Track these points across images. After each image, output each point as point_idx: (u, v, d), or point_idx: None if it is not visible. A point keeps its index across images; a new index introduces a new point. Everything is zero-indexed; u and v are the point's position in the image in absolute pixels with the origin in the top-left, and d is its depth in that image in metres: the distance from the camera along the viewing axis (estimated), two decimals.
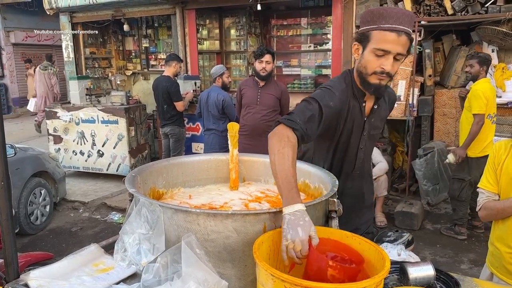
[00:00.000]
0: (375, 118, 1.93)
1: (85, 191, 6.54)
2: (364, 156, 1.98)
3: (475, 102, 4.36)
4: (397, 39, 1.65)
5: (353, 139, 1.90)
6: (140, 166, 1.87)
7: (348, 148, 1.92)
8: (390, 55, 1.67)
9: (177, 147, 6.19)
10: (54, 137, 7.16)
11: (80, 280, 1.51)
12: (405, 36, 1.65)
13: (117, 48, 9.70)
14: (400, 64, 1.74)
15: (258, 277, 1.21)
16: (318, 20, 8.35)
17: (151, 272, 1.35)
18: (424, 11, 5.46)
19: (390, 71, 1.69)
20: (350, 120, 1.86)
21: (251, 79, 4.73)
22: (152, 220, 1.41)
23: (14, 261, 1.58)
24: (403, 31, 1.64)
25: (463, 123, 4.63)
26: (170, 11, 7.57)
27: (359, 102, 1.86)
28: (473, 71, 4.48)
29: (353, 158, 1.94)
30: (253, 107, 4.54)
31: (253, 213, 1.35)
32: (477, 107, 4.35)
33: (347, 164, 1.96)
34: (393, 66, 1.69)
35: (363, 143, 1.93)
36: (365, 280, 1.08)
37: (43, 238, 5.16)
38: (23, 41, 15.36)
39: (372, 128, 1.94)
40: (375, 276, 1.09)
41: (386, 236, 3.97)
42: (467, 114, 4.51)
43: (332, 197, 1.54)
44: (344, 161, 1.95)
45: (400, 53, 1.67)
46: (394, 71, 1.71)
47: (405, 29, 1.64)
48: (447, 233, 4.82)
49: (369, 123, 1.92)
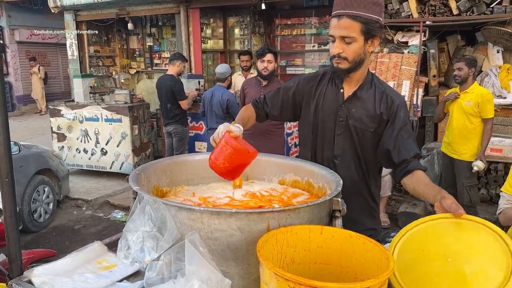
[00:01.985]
0: (356, 108, 1.93)
1: (88, 189, 6.56)
2: (345, 144, 1.96)
3: (489, 106, 4.38)
4: (337, 24, 1.77)
5: (329, 124, 1.97)
6: (144, 164, 1.86)
7: (325, 132, 1.99)
8: (336, 39, 1.79)
9: (180, 146, 6.19)
10: (57, 135, 7.18)
11: (83, 277, 1.51)
12: (346, 19, 1.74)
13: (121, 46, 9.72)
14: (356, 49, 1.80)
15: (261, 276, 1.20)
16: (322, 19, 8.33)
17: (154, 270, 1.35)
18: (429, 11, 5.44)
19: (341, 54, 1.80)
20: (323, 103, 1.98)
21: (254, 78, 4.76)
22: (156, 218, 1.41)
23: (18, 258, 1.58)
24: (344, 15, 1.74)
25: (465, 129, 4.51)
26: (174, 10, 7.58)
27: (337, 88, 1.96)
28: (462, 73, 4.47)
29: (331, 143, 1.98)
30: None
31: (257, 212, 1.35)
32: (491, 111, 4.40)
33: (327, 150, 2.00)
34: (345, 50, 1.79)
35: (340, 129, 1.95)
36: (369, 280, 1.07)
37: (46, 236, 5.18)
38: (28, 39, 15.41)
39: (354, 118, 1.93)
40: (379, 276, 1.08)
41: (389, 237, 3.97)
42: (472, 119, 4.46)
43: (336, 197, 1.53)
44: (324, 146, 2.01)
45: (345, 36, 1.77)
46: (348, 55, 1.80)
47: (346, 12, 1.74)
48: None
49: (348, 111, 1.93)
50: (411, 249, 1.35)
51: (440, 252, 1.32)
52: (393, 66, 5.66)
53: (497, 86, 5.21)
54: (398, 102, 1.91)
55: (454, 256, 1.29)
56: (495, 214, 5.20)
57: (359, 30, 1.75)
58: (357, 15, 1.73)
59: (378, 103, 1.92)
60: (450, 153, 4.69)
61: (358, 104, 1.93)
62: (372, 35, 1.79)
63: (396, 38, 5.78)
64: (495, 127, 5.14)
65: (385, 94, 1.93)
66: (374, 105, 1.91)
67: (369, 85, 1.95)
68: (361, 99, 1.93)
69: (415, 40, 5.61)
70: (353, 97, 1.94)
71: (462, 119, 4.52)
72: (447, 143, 4.72)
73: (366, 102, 1.93)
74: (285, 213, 1.36)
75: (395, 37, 5.78)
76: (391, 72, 5.67)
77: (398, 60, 5.63)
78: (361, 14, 1.73)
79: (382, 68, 5.71)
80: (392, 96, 1.93)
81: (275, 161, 2.03)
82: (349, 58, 1.81)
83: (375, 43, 1.84)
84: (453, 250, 1.32)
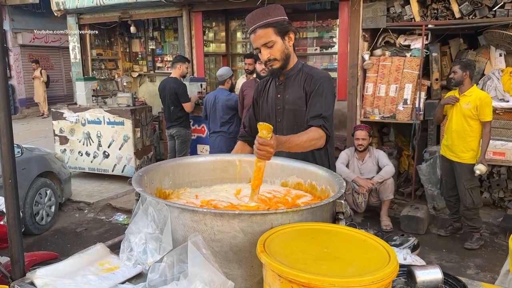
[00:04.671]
0: (289, 94, 2.24)
1: (90, 192, 6.56)
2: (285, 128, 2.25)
3: (487, 109, 4.40)
4: (255, 36, 2.11)
5: (272, 113, 2.30)
6: (147, 166, 1.86)
7: (271, 119, 2.29)
8: (261, 49, 2.12)
9: (183, 149, 6.19)
10: (60, 137, 7.19)
11: (86, 279, 1.51)
12: (260, 30, 2.08)
13: (124, 50, 9.74)
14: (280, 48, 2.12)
15: (265, 277, 1.20)
16: (325, 23, 8.34)
17: (157, 272, 1.35)
18: (431, 14, 5.44)
19: (271, 57, 2.13)
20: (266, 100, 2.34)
21: (253, 80, 4.83)
22: (159, 220, 1.41)
23: (20, 260, 1.58)
24: (256, 28, 2.08)
25: (464, 131, 4.51)
26: (177, 13, 7.60)
27: (275, 82, 2.31)
28: (456, 76, 4.50)
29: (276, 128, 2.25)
30: None
31: (260, 213, 1.35)
32: (489, 114, 4.41)
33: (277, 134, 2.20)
34: (271, 52, 2.12)
35: (280, 116, 2.28)
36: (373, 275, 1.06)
37: (48, 238, 5.17)
38: (31, 42, 15.47)
39: (289, 103, 2.24)
40: (384, 270, 1.07)
41: (391, 240, 3.96)
42: (470, 121, 4.46)
43: (339, 199, 1.53)
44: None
45: (266, 42, 2.09)
46: (274, 55, 2.13)
47: (257, 25, 2.08)
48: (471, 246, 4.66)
49: (283, 98, 2.26)
50: (284, 242, 1.28)
51: (315, 244, 1.26)
52: (395, 69, 5.66)
53: (499, 90, 5.20)
54: (317, 77, 2.19)
55: (330, 248, 1.23)
56: (498, 218, 5.22)
57: (273, 33, 2.09)
58: (266, 23, 2.07)
59: (306, 84, 2.20)
60: (449, 156, 4.68)
61: (289, 90, 2.25)
62: (286, 31, 2.12)
63: (398, 42, 5.78)
64: (497, 130, 5.14)
65: (309, 75, 2.21)
66: (303, 87, 2.20)
67: (297, 72, 2.24)
68: (292, 85, 2.23)
69: (417, 44, 5.61)
70: (283, 86, 2.26)
71: (461, 122, 4.53)
72: (446, 146, 4.72)
73: (296, 87, 2.23)
74: (289, 214, 1.35)
75: (398, 41, 5.78)
76: (393, 75, 5.66)
77: (400, 63, 5.63)
78: (268, 21, 2.07)
79: (384, 71, 5.71)
80: (313, 75, 2.21)
81: (277, 163, 2.03)
82: (277, 58, 2.14)
83: (292, 37, 2.15)
84: (329, 244, 1.26)
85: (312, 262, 1.13)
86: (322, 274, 1.05)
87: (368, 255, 1.20)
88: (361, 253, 1.21)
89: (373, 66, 5.80)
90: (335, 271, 1.09)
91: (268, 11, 2.10)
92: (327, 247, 1.23)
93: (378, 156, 5.28)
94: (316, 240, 1.27)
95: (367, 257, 1.18)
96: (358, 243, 1.28)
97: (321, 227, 1.36)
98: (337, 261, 1.15)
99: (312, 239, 1.27)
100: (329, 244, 1.25)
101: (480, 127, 4.46)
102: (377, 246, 1.26)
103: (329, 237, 1.31)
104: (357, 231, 1.35)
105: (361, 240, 1.29)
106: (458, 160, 4.59)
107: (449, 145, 4.66)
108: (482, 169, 4.43)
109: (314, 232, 1.32)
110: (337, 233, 1.34)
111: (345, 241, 1.29)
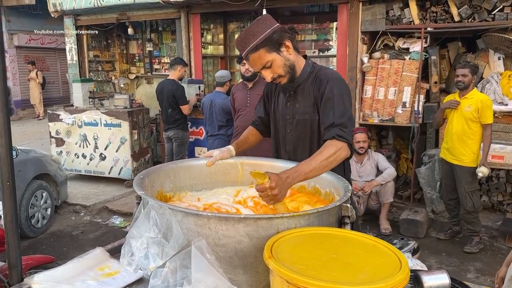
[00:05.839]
0: (299, 103, 2.11)
1: (87, 195, 6.50)
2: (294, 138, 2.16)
3: (488, 111, 4.40)
4: (249, 62, 1.98)
5: (282, 121, 2.19)
6: (148, 169, 1.83)
7: (280, 129, 2.22)
8: (261, 72, 2.00)
9: (181, 151, 6.14)
10: (56, 139, 7.13)
11: (85, 284, 1.47)
12: (251, 55, 1.93)
13: (121, 51, 9.69)
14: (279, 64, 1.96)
15: (272, 284, 1.16)
16: (323, 26, 8.33)
17: (159, 277, 1.31)
18: (430, 17, 5.44)
19: (274, 76, 1.99)
20: (277, 106, 2.22)
21: (241, 83, 4.84)
22: (161, 224, 1.37)
23: (18, 264, 1.54)
24: (247, 53, 1.93)
25: (465, 134, 4.50)
26: (175, 15, 7.56)
27: (284, 93, 2.17)
28: (467, 80, 4.47)
29: (285, 138, 2.20)
30: (243, 109, 4.62)
31: (266, 218, 1.31)
32: (490, 117, 4.42)
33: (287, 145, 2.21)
34: (273, 71, 1.98)
35: (290, 126, 2.16)
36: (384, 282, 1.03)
37: (43, 241, 5.11)
38: (27, 43, 15.39)
39: (299, 113, 2.11)
40: (395, 277, 1.04)
41: (392, 244, 3.94)
42: (471, 124, 4.46)
43: (345, 203, 1.50)
44: (283, 141, 2.23)
45: (263, 65, 1.95)
46: (277, 73, 1.98)
47: (247, 51, 1.92)
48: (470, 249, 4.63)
49: (293, 108, 2.13)
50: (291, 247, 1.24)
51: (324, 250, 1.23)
52: (394, 72, 5.65)
53: (498, 93, 5.20)
54: (325, 79, 2.02)
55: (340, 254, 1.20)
56: (497, 222, 5.21)
57: (265, 52, 1.92)
58: (254, 45, 1.89)
59: (315, 89, 2.05)
60: (449, 159, 4.66)
61: (299, 99, 2.11)
62: (279, 43, 1.94)
63: (397, 45, 5.77)
64: (496, 134, 5.14)
65: (318, 79, 2.05)
66: (313, 93, 2.05)
67: (307, 76, 2.08)
68: (302, 93, 2.09)
69: (416, 47, 5.60)
70: (293, 95, 2.12)
71: (461, 125, 4.52)
72: (446, 149, 4.71)
73: (306, 94, 2.08)
74: (295, 219, 1.33)
75: (397, 44, 5.77)
76: (392, 78, 5.65)
77: (399, 66, 5.62)
78: (256, 42, 1.89)
79: (383, 74, 5.70)
80: (321, 77, 2.04)
81: (280, 166, 2.00)
82: (281, 73, 1.99)
83: (288, 45, 1.97)
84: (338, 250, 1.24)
85: (322, 268, 1.10)
86: (333, 281, 1.01)
87: (378, 261, 1.17)
88: (371, 259, 1.18)
89: (372, 69, 5.79)
90: (346, 278, 1.05)
91: (252, 31, 1.91)
92: (336, 252, 1.20)
93: (377, 159, 5.26)
94: (325, 246, 1.24)
95: (378, 263, 1.15)
96: (368, 248, 1.24)
97: (329, 231, 1.33)
98: (347, 268, 1.12)
99: (321, 244, 1.24)
100: (338, 250, 1.22)
101: (480, 130, 4.46)
102: (387, 252, 1.23)
103: (338, 242, 1.27)
104: (365, 236, 1.32)
105: (371, 246, 1.26)
106: (458, 163, 4.57)
107: (449, 148, 4.64)
108: (484, 171, 4.42)
109: (322, 237, 1.28)
110: (345, 238, 1.31)
111: (354, 246, 1.25)
